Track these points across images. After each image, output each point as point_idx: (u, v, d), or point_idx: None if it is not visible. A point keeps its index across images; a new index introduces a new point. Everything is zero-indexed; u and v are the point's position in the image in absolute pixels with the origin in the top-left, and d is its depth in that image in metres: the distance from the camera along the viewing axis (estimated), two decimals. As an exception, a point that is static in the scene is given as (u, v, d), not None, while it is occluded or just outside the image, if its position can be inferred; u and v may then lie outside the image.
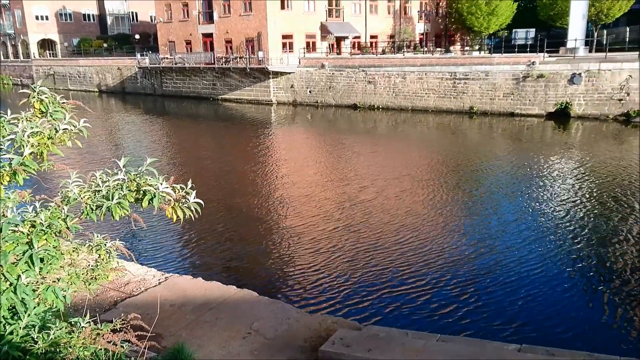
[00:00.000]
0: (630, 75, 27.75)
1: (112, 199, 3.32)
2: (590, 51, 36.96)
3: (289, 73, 39.92)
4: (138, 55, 50.01)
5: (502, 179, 18.20)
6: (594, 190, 16.10)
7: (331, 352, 6.06)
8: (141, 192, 3.41)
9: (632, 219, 13.47)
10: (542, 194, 15.95)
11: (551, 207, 14.73)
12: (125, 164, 3.51)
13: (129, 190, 3.40)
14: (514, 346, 6.15)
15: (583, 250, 11.65)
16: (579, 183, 17.06)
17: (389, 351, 5.90)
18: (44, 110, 3.44)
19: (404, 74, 35.02)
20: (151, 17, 65.79)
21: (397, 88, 35.53)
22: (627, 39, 38.06)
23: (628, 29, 44.60)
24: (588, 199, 15.26)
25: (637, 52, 28.87)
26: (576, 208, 14.51)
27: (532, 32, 43.77)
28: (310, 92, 39.48)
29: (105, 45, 62.81)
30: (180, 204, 3.53)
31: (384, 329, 7.27)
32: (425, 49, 48.61)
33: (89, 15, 70.64)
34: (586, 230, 12.81)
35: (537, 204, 15.03)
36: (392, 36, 49.88)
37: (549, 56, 32.27)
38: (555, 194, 16.05)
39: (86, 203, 3.40)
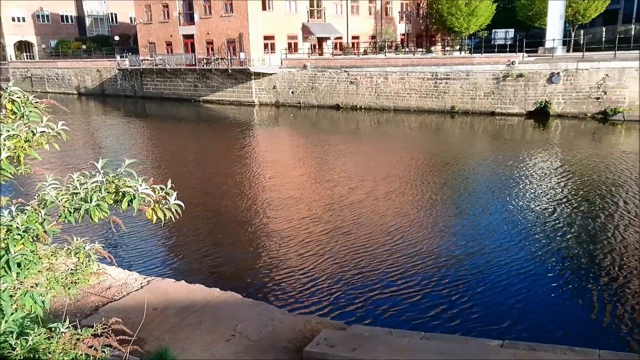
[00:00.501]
0: (607, 75, 28.29)
1: (91, 201, 3.27)
2: (568, 51, 37.59)
3: (271, 74, 39.83)
4: (118, 57, 49.44)
5: (484, 178, 18.40)
6: (574, 187, 16.36)
7: (315, 353, 6.05)
8: (120, 193, 3.37)
9: (612, 215, 13.72)
10: (524, 192, 16.17)
11: (532, 205, 14.93)
12: (104, 166, 3.46)
13: (108, 192, 3.36)
14: (496, 342, 6.22)
15: (563, 247, 11.83)
16: (559, 180, 17.32)
17: (373, 350, 5.92)
18: (16, 112, 3.37)
19: (386, 74, 35.20)
20: (131, 18, 65.06)
21: (379, 88, 35.69)
22: (603, 39, 38.83)
23: (604, 29, 45.51)
24: (568, 196, 15.50)
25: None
26: (557, 205, 14.73)
27: (511, 32, 44.40)
28: (292, 92, 39.45)
29: (84, 47, 61.94)
30: (161, 205, 3.50)
31: (368, 328, 7.30)
32: (407, 49, 48.93)
33: (67, 16, 69.59)
34: (567, 227, 13.01)
35: (520, 202, 15.23)
36: (373, 37, 50.11)
37: (528, 56, 32.73)
38: (536, 192, 16.28)
39: (64, 206, 3.34)
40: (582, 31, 44.18)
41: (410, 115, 33.53)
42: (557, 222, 13.42)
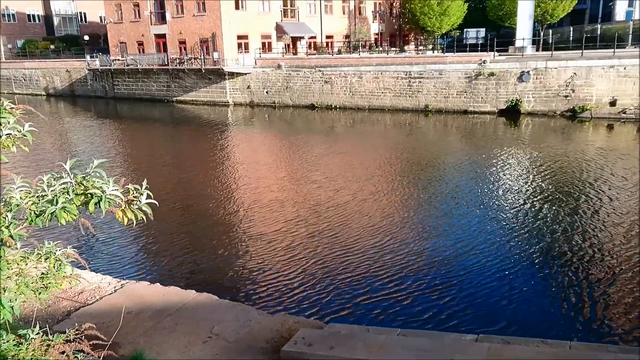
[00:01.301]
0: (574, 73, 29.00)
1: (57, 203, 3.18)
2: (537, 50, 38.41)
3: (245, 74, 39.60)
4: (87, 57, 48.41)
5: (459, 176, 18.64)
6: (547, 184, 16.72)
7: (293, 352, 6.04)
8: (88, 195, 3.29)
9: (586, 211, 14.07)
10: (498, 190, 16.45)
11: (506, 202, 15.20)
12: (73, 167, 3.38)
13: (76, 194, 3.28)
14: (471, 336, 6.31)
15: (536, 242, 12.07)
16: (532, 178, 17.68)
17: (351, 348, 5.94)
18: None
19: (360, 74, 35.37)
20: (101, 17, 63.76)
21: (353, 87, 35.84)
22: (571, 38, 39.80)
23: (571, 28, 46.70)
24: (541, 193, 15.83)
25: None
26: (531, 202, 15.03)
27: (482, 31, 45.19)
28: (267, 92, 39.30)
29: (52, 46, 60.42)
30: (131, 207, 3.43)
31: (346, 327, 7.32)
32: (381, 48, 49.27)
33: (34, 15, 67.81)
34: (541, 223, 13.28)
35: (494, 200, 15.49)
36: (347, 36, 50.29)
37: (499, 55, 33.32)
38: (509, 189, 16.58)
39: (30, 209, 3.26)
40: (550, 31, 45.28)
41: (385, 114, 33.77)
42: (531, 218, 13.70)
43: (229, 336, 7.12)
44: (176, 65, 42.33)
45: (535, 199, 15.17)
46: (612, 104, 28.48)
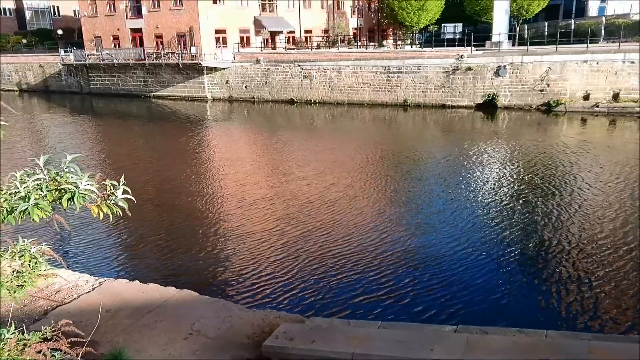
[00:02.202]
0: (549, 68, 29.49)
1: (29, 200, 3.12)
2: (513, 45, 38.92)
3: (224, 68, 39.27)
4: (61, 52, 47.38)
5: (437, 170, 18.83)
6: (523, 176, 17.00)
7: (275, 347, 6.05)
8: (61, 191, 3.23)
9: (554, 202, 14.35)
10: (475, 183, 16.67)
11: (484, 194, 15.42)
12: (46, 163, 3.32)
13: (49, 190, 3.21)
14: (450, 327, 6.40)
15: (514, 234, 12.28)
16: (509, 170, 17.95)
17: (332, 341, 5.97)
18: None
19: (339, 69, 35.38)
20: (75, 11, 62.47)
21: (332, 82, 35.85)
22: (546, 33, 40.44)
23: (546, 23, 47.44)
24: (518, 185, 16.10)
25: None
26: (508, 194, 15.28)
27: (459, 26, 45.61)
28: (246, 87, 39.05)
29: (24, 41, 59.00)
30: (107, 202, 3.38)
31: (327, 320, 7.35)
32: (359, 43, 49.32)
33: (4, 9, 66.13)
34: (519, 215, 13.51)
35: (471, 192, 15.69)
36: (326, 31, 50.22)
37: (476, 50, 33.68)
38: (487, 181, 16.81)
39: (1, 206, 3.18)
40: (526, 26, 45.93)
41: (364, 109, 33.88)
42: (510, 210, 13.92)
43: (210, 332, 7.08)
44: (153, 60, 41.73)
45: (513, 192, 15.42)
46: (586, 98, 29.07)
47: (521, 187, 15.82)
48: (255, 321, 7.38)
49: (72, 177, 3.40)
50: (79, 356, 3.63)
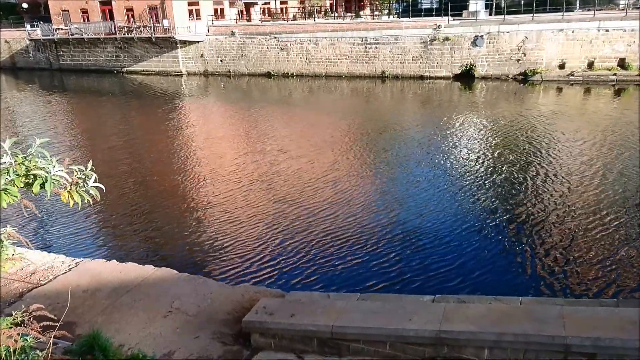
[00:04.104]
0: (526, 37, 29.55)
1: (-3, 185, 3.01)
2: (490, 14, 38.84)
3: (198, 42, 38.39)
4: (28, 27, 45.64)
5: (416, 141, 18.89)
6: (499, 147, 17.18)
7: (254, 322, 6.07)
8: (31, 176, 3.12)
9: (530, 170, 14.57)
10: (453, 154, 16.78)
11: (462, 165, 15.55)
12: (11, 146, 3.19)
13: (17, 175, 3.10)
14: (428, 297, 6.50)
15: (492, 204, 12.45)
16: (487, 140, 18.11)
17: (311, 314, 6.02)
18: None
19: (316, 40, 34.91)
20: (40, -17, 59.88)
21: (310, 55, 35.40)
22: (522, 2, 40.35)
23: (523, -8, 47.22)
24: (494, 155, 16.27)
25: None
26: (485, 165, 15.43)
27: (437, -5, 45.15)
28: (221, 61, 38.32)
29: (-13, 15, 56.58)
30: (78, 189, 3.28)
31: (306, 294, 7.40)
32: (336, 14, 48.61)
33: (-35, -19, 62.98)
34: (495, 185, 13.69)
35: (449, 163, 15.81)
36: (302, 2, 49.32)
37: (453, 20, 33.52)
38: (465, 153, 16.93)
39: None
40: (502, -6, 45.66)
41: (342, 81, 33.62)
42: (489, 180, 14.08)
43: (190, 310, 7.07)
44: (124, 34, 40.54)
45: (491, 162, 15.58)
46: (561, 66, 29.31)
47: (498, 158, 16.00)
48: (235, 297, 7.38)
49: (40, 162, 3.28)
50: (52, 339, 3.58)
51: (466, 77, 31.05)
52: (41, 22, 45.45)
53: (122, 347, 6.08)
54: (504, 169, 14.85)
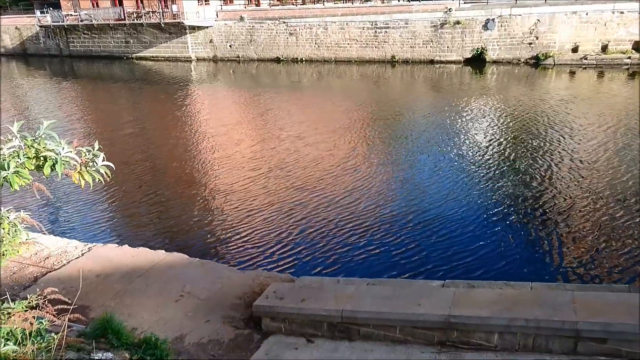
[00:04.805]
0: (538, 20, 29.06)
1: (8, 168, 3.04)
2: (502, -3, 38.16)
3: (207, 27, 38.24)
4: (38, 13, 45.69)
5: (427, 127, 18.75)
6: (512, 132, 17.01)
7: (265, 306, 6.12)
8: (41, 158, 3.14)
9: (542, 157, 14.42)
10: (465, 140, 16.65)
11: (474, 151, 15.43)
12: (20, 130, 3.21)
13: (27, 158, 3.12)
14: (437, 282, 6.51)
15: (504, 189, 12.37)
16: (498, 126, 17.93)
17: (321, 299, 6.05)
18: None
19: (326, 25, 34.61)
20: (49, -31, 59.79)
21: (319, 39, 35.14)
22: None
23: (536, -26, 46.28)
24: (506, 141, 16.11)
25: None
26: (497, 151, 15.30)
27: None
28: (230, 46, 38.17)
29: (-3, 2, 56.76)
30: (88, 169, 3.30)
31: (317, 279, 7.43)
32: (346, -2, 48.00)
33: (-26, -32, 63.07)
34: (507, 170, 13.58)
35: (460, 149, 15.69)
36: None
37: (464, 2, 33.02)
38: (477, 138, 16.79)
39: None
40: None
41: (352, 66, 33.38)
42: (499, 166, 13.97)
43: (201, 294, 7.15)
44: (134, 20, 40.46)
45: (503, 147, 15.45)
46: (574, 50, 28.84)
47: (510, 143, 15.85)
48: (246, 282, 7.44)
49: (49, 144, 3.30)
50: (66, 322, 3.64)
51: (477, 62, 30.67)
52: (51, 9, 45.48)
53: (134, 331, 6.17)
54: (520, 154, 14.72)
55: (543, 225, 10.33)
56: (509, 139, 16.20)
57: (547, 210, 10.97)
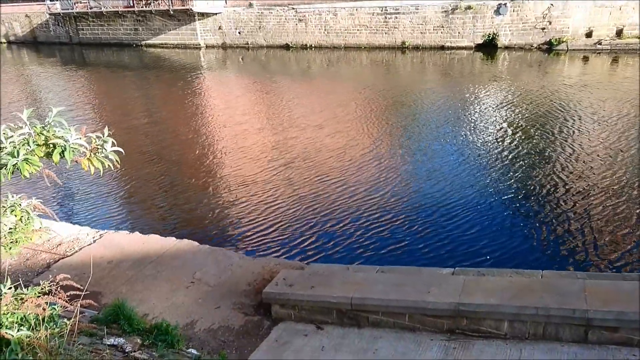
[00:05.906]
0: (551, 4, 28.57)
1: (18, 155, 3.05)
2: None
3: (216, 14, 38.07)
4: (47, 1, 45.75)
5: (438, 114, 18.59)
6: (524, 119, 16.81)
7: (275, 293, 6.15)
8: (50, 145, 3.15)
9: (555, 144, 14.26)
10: (475, 127, 16.50)
11: (485, 138, 15.30)
12: (30, 117, 3.22)
13: (37, 145, 3.13)
14: (447, 270, 6.49)
15: (514, 177, 12.26)
16: (510, 113, 17.73)
17: (331, 286, 6.07)
18: None
19: (335, 11, 34.30)
20: (58, -44, 59.69)
21: (328, 25, 34.86)
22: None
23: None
24: (518, 128, 15.94)
25: None
26: (508, 138, 15.15)
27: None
28: (239, 33, 38.02)
29: (7, -11, 56.80)
30: (97, 155, 3.31)
31: (326, 266, 7.46)
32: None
33: (-16, -44, 63.17)
34: (517, 157, 13.45)
35: (471, 136, 15.55)
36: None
37: (476, -13, 32.52)
38: (487, 125, 16.63)
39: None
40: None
41: (361, 52, 33.12)
42: (508, 154, 13.84)
43: (211, 281, 7.20)
44: (142, 7, 40.36)
45: (514, 135, 15.30)
46: (588, 35, 28.35)
47: (521, 130, 15.68)
48: (256, 269, 7.48)
49: (59, 131, 3.31)
50: (78, 307, 3.67)
51: (488, 47, 30.28)
52: (60, -4, 45.48)
53: (146, 317, 6.24)
54: (526, 142, 14.56)
55: (556, 213, 10.24)
56: (519, 127, 16.02)
57: (561, 198, 10.87)
